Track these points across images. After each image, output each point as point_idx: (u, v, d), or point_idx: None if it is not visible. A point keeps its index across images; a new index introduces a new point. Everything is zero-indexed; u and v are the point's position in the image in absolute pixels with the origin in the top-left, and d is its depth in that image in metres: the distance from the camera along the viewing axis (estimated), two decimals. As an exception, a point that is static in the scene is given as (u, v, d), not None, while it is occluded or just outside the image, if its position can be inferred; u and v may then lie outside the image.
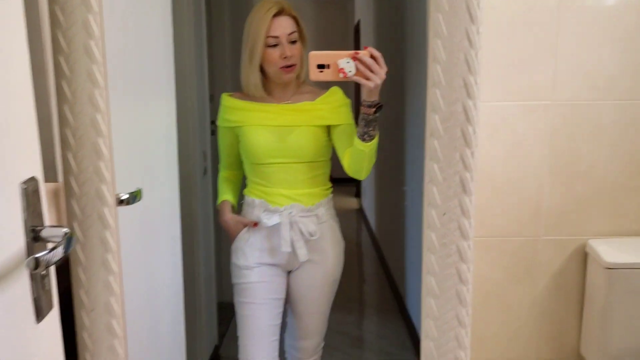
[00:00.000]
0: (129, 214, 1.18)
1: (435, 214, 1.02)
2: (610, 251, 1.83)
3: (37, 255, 0.84)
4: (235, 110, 1.79)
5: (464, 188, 1.01)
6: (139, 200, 1.16)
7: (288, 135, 1.74)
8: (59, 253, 0.87)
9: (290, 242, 1.77)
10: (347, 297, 3.77)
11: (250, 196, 1.83)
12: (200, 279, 2.62)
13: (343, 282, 1.96)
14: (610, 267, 1.79)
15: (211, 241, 2.85)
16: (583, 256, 1.94)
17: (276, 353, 1.84)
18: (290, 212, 1.76)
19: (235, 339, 3.26)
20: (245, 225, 1.82)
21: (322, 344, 1.99)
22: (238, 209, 1.92)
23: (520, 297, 1.96)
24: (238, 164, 1.91)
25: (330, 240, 1.84)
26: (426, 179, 1.03)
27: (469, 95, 0.99)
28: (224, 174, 1.94)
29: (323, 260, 1.83)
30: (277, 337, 1.84)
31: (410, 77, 3.11)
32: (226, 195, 1.89)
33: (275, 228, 1.77)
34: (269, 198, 1.78)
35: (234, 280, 1.84)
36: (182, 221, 1.79)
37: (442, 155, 1.00)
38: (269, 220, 1.75)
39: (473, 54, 0.99)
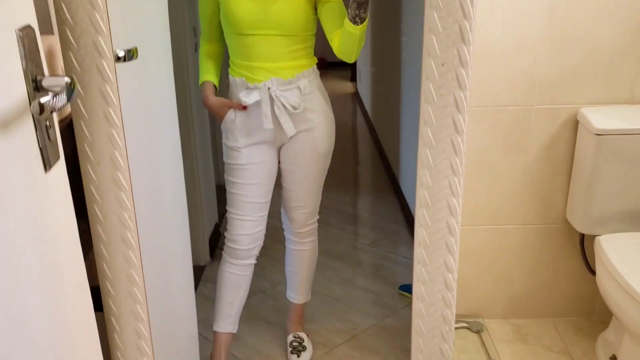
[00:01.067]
0: (124, 71, 1.17)
1: (434, 64, 1.03)
2: (600, 118, 1.86)
3: (41, 100, 0.85)
4: None
5: (463, 37, 1.02)
6: (135, 59, 1.16)
7: (271, 5, 1.69)
8: (62, 99, 0.88)
9: (275, 118, 1.77)
10: (342, 179, 3.85)
11: (233, 75, 1.81)
12: (198, 160, 2.66)
13: (338, 164, 1.99)
14: (600, 134, 1.82)
15: (206, 121, 2.86)
16: (574, 124, 1.97)
17: (263, 226, 1.91)
18: (270, 88, 1.75)
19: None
20: (230, 107, 1.81)
21: (316, 218, 2.05)
22: (224, 89, 1.90)
23: (511, 166, 2.02)
24: (219, 36, 1.86)
25: (317, 111, 1.83)
26: (425, 27, 1.02)
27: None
28: (204, 48, 1.89)
29: (311, 132, 1.83)
30: (265, 212, 1.90)
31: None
32: (207, 75, 1.86)
33: (258, 105, 1.77)
34: (249, 74, 1.76)
35: (225, 159, 1.87)
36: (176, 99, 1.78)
37: (442, 3, 0.99)
38: (248, 98, 1.75)
39: None
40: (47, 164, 0.97)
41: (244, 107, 1.78)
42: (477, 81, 1.91)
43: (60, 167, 1.01)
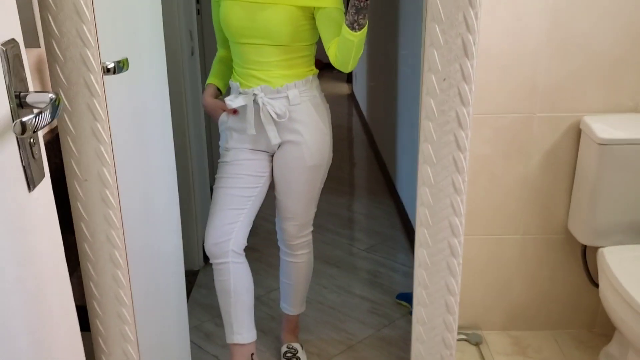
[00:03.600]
0: (113, 83, 1.13)
1: (435, 80, 0.98)
2: (604, 127, 1.82)
3: (23, 119, 0.81)
4: None
5: (466, 51, 0.97)
6: (125, 70, 1.11)
7: (259, 13, 1.65)
8: (46, 117, 0.84)
9: (260, 125, 1.75)
10: (337, 181, 3.81)
11: (232, 80, 1.81)
12: (193, 164, 2.61)
13: (333, 166, 1.94)
14: (603, 144, 1.79)
15: (202, 125, 2.81)
16: (577, 133, 1.93)
17: (240, 225, 1.80)
18: (256, 95, 1.72)
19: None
20: (223, 110, 1.83)
21: (309, 230, 1.99)
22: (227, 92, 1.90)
23: (512, 174, 1.98)
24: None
25: (305, 123, 1.77)
26: (427, 42, 0.98)
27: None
28: (220, 53, 1.91)
29: (298, 145, 1.79)
30: (245, 210, 1.81)
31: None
32: (211, 78, 1.89)
33: (245, 111, 1.76)
34: (242, 80, 1.76)
35: (220, 160, 1.87)
36: (170, 104, 1.73)
37: (444, 16, 0.95)
38: (233, 102, 1.74)
39: None
40: (31, 183, 0.92)
41: (235, 112, 1.79)
42: (477, 87, 1.86)
43: (45, 186, 0.97)
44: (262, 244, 2.92)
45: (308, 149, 1.80)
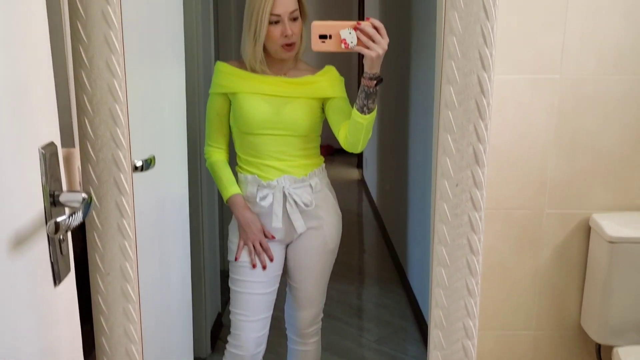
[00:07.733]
0: (140, 180, 1.18)
1: (448, 185, 1.03)
2: (613, 225, 1.85)
3: (57, 220, 0.85)
4: (231, 77, 1.76)
5: (477, 159, 1.03)
6: (152, 167, 1.17)
7: (284, 107, 1.74)
8: (78, 218, 0.88)
9: (285, 216, 1.78)
10: (347, 267, 3.81)
11: (243, 173, 1.82)
12: (204, 248, 2.64)
13: (343, 252, 1.97)
14: (613, 242, 1.81)
15: (215, 211, 2.86)
16: (586, 230, 1.96)
17: (267, 329, 1.86)
18: (283, 185, 1.77)
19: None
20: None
21: (321, 316, 2.01)
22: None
23: (523, 269, 1.99)
24: (227, 139, 1.85)
25: (326, 208, 1.85)
26: (439, 150, 1.04)
27: (484, 67, 1.00)
28: (216, 156, 1.82)
29: (320, 229, 1.84)
30: (270, 313, 1.86)
31: (416, 48, 3.10)
32: (234, 187, 1.81)
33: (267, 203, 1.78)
34: (260, 172, 1.78)
35: (229, 257, 1.84)
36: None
37: (456, 127, 1.01)
38: (265, 201, 1.77)
39: (489, 26, 0.99)
40: (57, 278, 0.96)
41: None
42: (487, 183, 1.91)
43: (70, 281, 1.00)
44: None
45: (329, 233, 1.86)
